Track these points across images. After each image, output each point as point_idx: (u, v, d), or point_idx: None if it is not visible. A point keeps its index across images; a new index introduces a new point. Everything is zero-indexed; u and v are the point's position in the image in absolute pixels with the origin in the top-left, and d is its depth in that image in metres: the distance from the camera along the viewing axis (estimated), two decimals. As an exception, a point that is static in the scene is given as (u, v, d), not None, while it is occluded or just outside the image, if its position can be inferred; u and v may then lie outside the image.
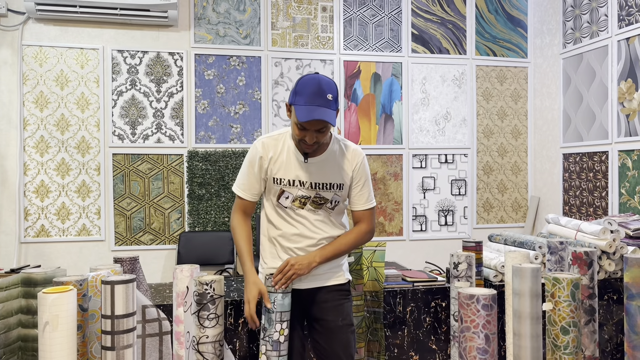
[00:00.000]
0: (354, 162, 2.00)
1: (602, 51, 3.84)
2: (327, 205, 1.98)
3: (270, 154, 1.95)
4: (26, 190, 3.81)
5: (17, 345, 1.75)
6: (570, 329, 1.29)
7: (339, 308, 2.01)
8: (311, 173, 1.94)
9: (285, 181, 1.94)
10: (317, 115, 1.80)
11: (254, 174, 1.97)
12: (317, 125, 1.84)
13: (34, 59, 3.82)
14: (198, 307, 1.63)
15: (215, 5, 4.11)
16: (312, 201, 1.96)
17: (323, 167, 1.96)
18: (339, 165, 1.98)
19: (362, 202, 2.03)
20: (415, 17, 4.46)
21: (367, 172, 2.04)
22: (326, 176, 1.95)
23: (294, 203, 1.95)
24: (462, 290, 1.28)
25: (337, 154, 1.99)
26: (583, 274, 1.62)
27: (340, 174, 1.97)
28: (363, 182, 2.02)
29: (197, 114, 4.08)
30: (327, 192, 1.96)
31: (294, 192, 1.95)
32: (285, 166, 1.95)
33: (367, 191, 2.03)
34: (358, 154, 2.02)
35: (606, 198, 3.81)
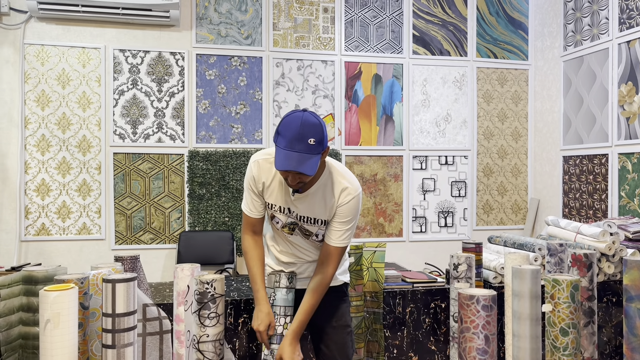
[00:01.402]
0: (342, 200, 1.90)
1: (602, 54, 3.85)
2: (312, 238, 1.98)
3: (263, 178, 1.93)
4: (27, 189, 3.81)
5: (17, 343, 1.76)
6: (569, 331, 1.30)
7: (334, 310, 2.03)
8: (298, 206, 1.92)
9: (276, 207, 1.95)
10: (291, 166, 1.72)
11: (253, 193, 1.97)
12: (296, 176, 1.78)
13: (36, 57, 3.83)
14: (199, 306, 1.64)
15: (217, 6, 4.12)
16: (299, 230, 1.97)
17: (309, 201, 1.91)
18: (325, 202, 1.91)
19: (333, 237, 1.92)
20: (417, 19, 4.47)
21: (353, 212, 1.92)
22: (311, 211, 1.92)
23: (283, 229, 1.98)
24: (462, 290, 1.29)
25: (326, 189, 1.91)
26: (582, 276, 1.62)
27: (324, 211, 1.91)
28: (342, 220, 1.91)
29: (198, 113, 4.09)
30: (311, 226, 1.95)
31: (283, 219, 1.96)
32: (277, 193, 1.93)
33: (344, 229, 1.92)
34: (348, 193, 1.89)
35: (606, 200, 3.81)
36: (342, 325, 2.03)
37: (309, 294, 1.93)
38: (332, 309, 2.03)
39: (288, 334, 1.91)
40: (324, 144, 1.78)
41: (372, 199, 4.38)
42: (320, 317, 2.01)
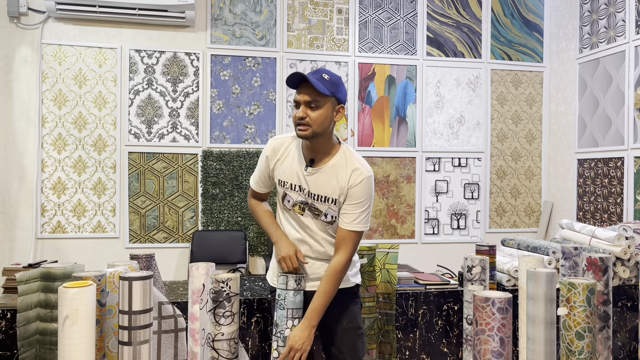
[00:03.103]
0: (353, 179, 1.90)
1: (619, 57, 3.81)
2: (322, 218, 1.95)
3: (278, 155, 2.00)
4: (43, 187, 3.86)
5: (35, 339, 1.78)
6: (585, 335, 1.29)
7: (345, 311, 2.01)
8: (309, 183, 1.94)
9: (288, 185, 1.97)
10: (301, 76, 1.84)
11: (263, 171, 2.05)
12: (305, 94, 1.85)
13: (54, 57, 3.88)
14: (214, 305, 1.65)
15: (232, 7, 4.14)
16: (310, 209, 1.96)
17: (320, 178, 1.92)
18: (337, 180, 1.91)
19: (347, 220, 1.91)
20: (431, 20, 4.46)
21: (365, 194, 1.91)
22: (321, 188, 1.92)
23: (294, 207, 1.98)
24: (478, 293, 1.29)
25: (338, 169, 1.92)
26: (598, 280, 1.61)
27: (335, 190, 1.91)
28: (355, 202, 1.90)
29: (212, 114, 4.12)
30: (321, 204, 1.94)
31: (294, 197, 1.97)
32: (290, 170, 1.97)
33: (358, 212, 1.91)
34: (359, 174, 1.90)
35: (621, 204, 3.78)
36: (353, 327, 2.01)
37: (324, 280, 1.92)
38: (343, 310, 2.02)
39: (305, 319, 1.89)
40: (339, 94, 1.90)
41: (384, 200, 4.38)
42: (332, 318, 1.99)
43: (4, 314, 2.21)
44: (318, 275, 1.99)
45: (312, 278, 2.00)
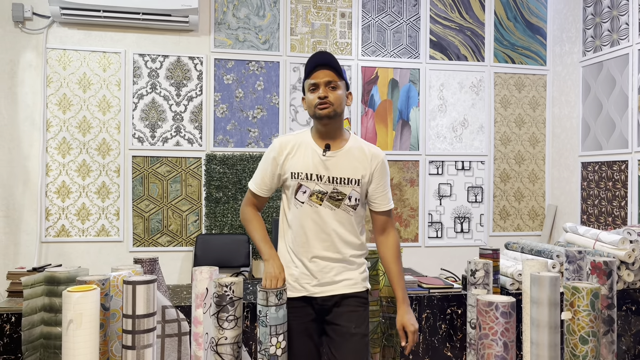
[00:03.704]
0: (374, 162, 2.00)
1: (622, 60, 3.81)
2: (345, 202, 1.95)
3: (288, 150, 1.98)
4: (48, 191, 3.88)
5: (39, 343, 1.79)
6: (589, 339, 1.29)
7: (354, 315, 1.97)
8: (328, 167, 1.94)
9: (303, 175, 1.94)
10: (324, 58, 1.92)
11: (268, 171, 2.01)
12: (324, 74, 1.92)
13: (58, 62, 3.89)
14: (217, 309, 1.65)
15: (236, 11, 4.16)
16: (330, 197, 1.94)
17: (341, 161, 1.96)
18: (357, 162, 1.98)
19: (385, 202, 2.03)
20: (434, 24, 4.46)
21: (387, 173, 2.04)
22: (344, 171, 1.95)
23: (311, 198, 1.94)
24: (481, 297, 1.29)
25: (355, 151, 1.99)
26: (602, 284, 1.61)
27: (358, 170, 1.97)
28: (382, 183, 2.02)
29: (216, 117, 4.13)
30: (344, 187, 1.95)
31: (311, 187, 1.94)
32: (304, 160, 1.95)
33: (387, 192, 2.04)
34: (378, 154, 2.03)
35: (625, 208, 3.77)
36: (360, 333, 1.98)
37: (394, 263, 2.03)
38: (354, 314, 1.98)
39: (402, 304, 1.99)
40: (347, 81, 2.02)
41: (387, 204, 4.37)
42: (341, 320, 1.95)
43: (8, 317, 2.21)
44: (329, 280, 1.95)
45: (323, 283, 1.95)
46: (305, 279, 1.96)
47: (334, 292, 1.95)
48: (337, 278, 1.96)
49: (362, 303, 2.00)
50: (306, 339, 1.95)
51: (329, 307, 1.96)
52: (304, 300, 1.97)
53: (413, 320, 1.97)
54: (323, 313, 1.98)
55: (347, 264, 1.98)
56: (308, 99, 1.97)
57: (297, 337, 1.95)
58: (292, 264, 1.98)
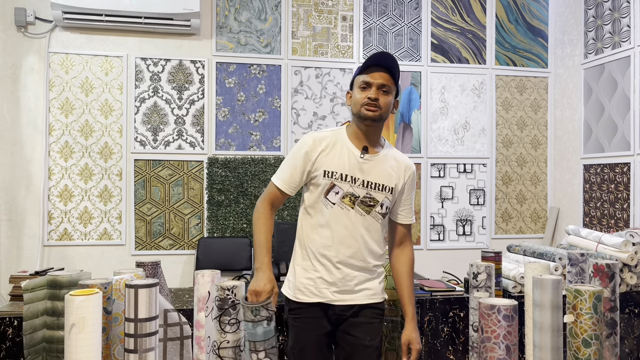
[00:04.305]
0: (408, 173, 1.97)
1: (624, 62, 3.81)
2: (377, 210, 1.90)
3: (322, 146, 1.89)
4: (50, 195, 3.89)
5: (41, 347, 1.79)
6: (592, 342, 1.29)
7: (370, 327, 1.91)
8: (364, 171, 1.88)
9: (337, 175, 1.86)
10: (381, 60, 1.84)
11: (298, 167, 1.89)
12: (380, 76, 1.84)
13: (60, 66, 3.91)
14: (219, 312, 1.65)
15: (237, 15, 4.17)
16: (361, 201, 1.87)
17: (377, 166, 1.90)
18: (392, 170, 1.93)
19: (410, 215, 2.01)
20: (435, 27, 4.47)
21: (414, 187, 2.02)
22: (379, 177, 1.90)
23: (343, 200, 1.86)
24: (483, 300, 1.29)
25: (391, 159, 1.95)
26: (605, 287, 1.61)
27: (392, 179, 1.92)
28: (410, 196, 2.00)
29: (218, 121, 4.13)
30: (378, 194, 1.89)
31: (345, 188, 1.86)
32: (339, 159, 1.87)
33: (412, 205, 2.02)
34: (411, 165, 2.00)
35: (628, 210, 3.76)
36: (374, 346, 1.92)
37: (407, 277, 1.99)
38: (370, 326, 1.91)
39: (411, 320, 1.95)
40: (399, 88, 1.94)
41: (389, 207, 4.37)
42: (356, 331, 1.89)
43: (11, 321, 2.22)
44: (349, 289, 1.89)
45: (344, 290, 1.88)
46: (325, 284, 1.88)
47: (353, 302, 1.89)
48: (357, 287, 1.90)
49: (378, 315, 1.95)
50: (318, 353, 1.89)
51: (346, 316, 1.90)
52: (320, 307, 1.89)
53: (419, 339, 1.94)
54: (338, 323, 1.91)
55: (369, 273, 1.93)
56: (355, 97, 1.89)
57: (308, 350, 1.89)
58: (312, 268, 1.90)
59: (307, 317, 1.89)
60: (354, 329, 1.89)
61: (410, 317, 1.96)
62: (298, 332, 1.91)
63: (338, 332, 1.92)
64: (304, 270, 1.91)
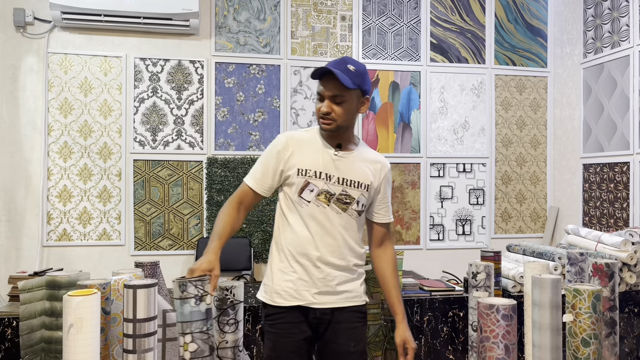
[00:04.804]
0: (383, 172, 1.95)
1: (623, 61, 3.81)
2: (353, 207, 1.86)
3: (295, 145, 1.87)
4: (49, 195, 3.88)
5: (40, 347, 1.79)
6: (591, 341, 1.29)
7: (353, 332, 1.86)
8: (339, 168, 1.85)
9: (312, 172, 1.83)
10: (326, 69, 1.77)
11: (270, 166, 1.87)
12: (331, 87, 1.79)
13: (59, 66, 3.90)
14: (218, 312, 1.65)
15: (236, 15, 4.16)
16: (337, 199, 1.84)
17: (352, 163, 1.88)
18: (367, 167, 1.91)
19: (388, 213, 1.98)
20: (434, 27, 4.47)
21: (390, 184, 2.01)
22: (355, 174, 1.87)
23: (318, 197, 1.82)
24: (482, 299, 1.28)
25: (366, 156, 1.94)
26: (604, 286, 1.61)
27: (368, 176, 1.89)
28: (387, 194, 1.97)
29: (217, 121, 4.13)
30: (354, 190, 1.85)
31: (320, 185, 1.83)
32: (312, 157, 1.85)
33: (390, 204, 2.00)
34: (386, 163, 1.98)
35: (627, 209, 3.76)
36: (359, 351, 1.86)
37: (392, 277, 1.96)
38: (353, 331, 1.86)
39: (403, 320, 1.92)
40: (364, 85, 1.84)
41: (389, 207, 4.37)
42: (340, 337, 1.83)
43: (9, 322, 2.21)
44: (330, 290, 1.83)
45: (324, 292, 1.83)
46: (305, 285, 1.82)
47: (334, 305, 1.84)
48: (339, 288, 1.85)
49: (361, 318, 1.90)
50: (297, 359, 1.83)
51: (327, 320, 1.84)
52: (300, 311, 1.83)
53: (412, 338, 1.92)
54: (319, 328, 1.86)
55: (350, 272, 1.88)
56: (315, 106, 1.89)
57: (287, 357, 1.82)
58: (290, 269, 1.84)
59: (285, 322, 1.82)
60: (336, 336, 1.84)
61: (401, 316, 1.93)
62: (275, 338, 1.84)
63: (320, 341, 1.86)
64: (282, 272, 1.85)
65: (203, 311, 1.50)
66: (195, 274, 1.61)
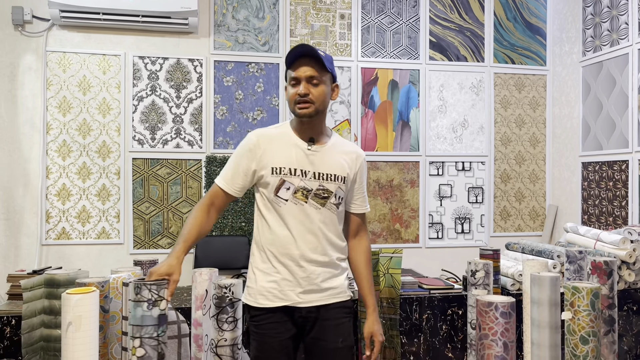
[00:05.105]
0: (358, 161, 1.93)
1: (622, 59, 3.81)
2: (331, 201, 1.83)
3: (266, 143, 1.83)
4: (48, 193, 3.88)
5: (39, 345, 1.79)
6: (589, 339, 1.29)
7: (340, 327, 1.84)
8: (314, 163, 1.82)
9: (286, 170, 1.80)
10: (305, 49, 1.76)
11: (241, 166, 1.84)
12: (306, 69, 1.77)
13: (58, 64, 3.90)
14: (217, 310, 1.65)
15: (235, 13, 4.16)
16: (315, 194, 1.81)
17: (327, 156, 1.84)
18: (342, 159, 1.88)
19: (364, 204, 1.97)
20: (433, 25, 4.46)
21: (366, 174, 2.00)
22: (330, 167, 1.84)
23: (295, 195, 1.79)
24: (481, 297, 1.28)
25: (340, 147, 1.90)
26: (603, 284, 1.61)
27: (344, 168, 1.86)
28: (362, 184, 1.96)
29: (216, 119, 4.13)
30: (331, 184, 1.83)
31: (296, 183, 1.79)
32: (285, 154, 1.81)
33: (365, 193, 1.99)
34: (361, 153, 1.96)
35: (626, 207, 3.76)
36: (347, 346, 1.85)
37: (365, 268, 1.95)
38: (340, 327, 1.85)
39: (373, 312, 1.91)
40: (334, 72, 1.87)
41: (388, 205, 4.37)
42: (327, 334, 1.82)
43: (8, 320, 2.21)
44: (315, 288, 1.81)
45: (309, 290, 1.81)
46: (289, 285, 1.80)
47: (320, 302, 1.82)
48: (323, 285, 1.82)
49: (347, 313, 1.89)
50: (285, 358, 1.80)
51: (313, 318, 1.82)
52: (285, 311, 1.81)
53: (382, 331, 1.91)
54: (305, 326, 1.84)
55: (333, 268, 1.86)
56: (288, 93, 1.83)
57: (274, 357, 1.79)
58: (273, 270, 1.82)
59: (271, 322, 1.80)
60: (324, 333, 1.82)
61: (372, 309, 1.92)
62: (262, 339, 1.81)
63: (308, 339, 1.84)
64: (265, 274, 1.82)
65: (155, 316, 1.46)
66: (153, 277, 1.56)
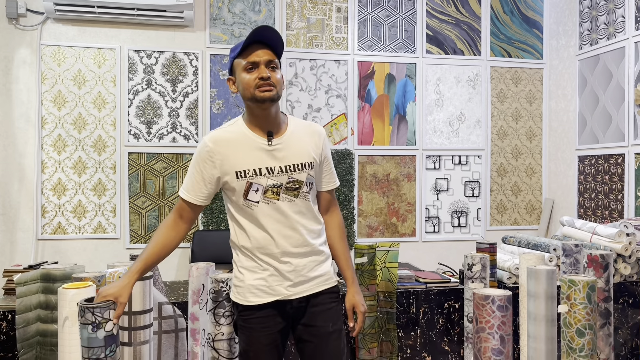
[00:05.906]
0: (321, 140, 1.88)
1: (618, 53, 3.81)
2: (303, 190, 1.80)
3: (223, 147, 1.75)
4: (43, 188, 3.86)
5: (35, 340, 1.78)
6: (585, 332, 1.29)
7: (330, 312, 1.85)
8: (278, 157, 1.76)
9: (251, 172, 1.74)
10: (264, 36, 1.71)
11: (202, 175, 1.77)
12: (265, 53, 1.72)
13: (53, 58, 3.87)
14: (214, 305, 1.65)
15: (231, 6, 4.14)
16: (286, 188, 1.77)
17: (290, 146, 1.79)
18: (305, 143, 1.83)
19: (333, 179, 1.94)
20: (430, 18, 4.45)
21: (330, 149, 1.95)
22: (296, 156, 1.79)
23: (266, 194, 1.74)
24: (478, 290, 1.29)
25: (300, 131, 1.84)
26: (599, 277, 1.61)
27: (309, 153, 1.82)
28: (330, 159, 1.93)
29: (212, 113, 4.11)
30: (300, 174, 1.78)
31: (264, 183, 1.74)
32: (246, 155, 1.75)
33: (333, 168, 1.95)
34: (321, 130, 1.90)
35: (622, 201, 3.77)
36: (338, 330, 1.85)
37: (339, 243, 1.94)
38: (329, 312, 1.85)
39: (352, 284, 1.90)
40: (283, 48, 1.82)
41: (384, 199, 4.37)
42: (317, 320, 1.82)
43: (4, 315, 2.21)
44: (303, 279, 1.80)
45: (297, 283, 1.80)
46: (277, 280, 1.78)
47: (309, 292, 1.82)
48: (311, 274, 1.82)
49: (334, 298, 1.88)
50: (274, 351, 1.80)
51: (303, 307, 1.83)
52: (274, 306, 1.79)
53: (363, 301, 1.89)
54: (297, 316, 1.84)
55: (318, 255, 1.85)
56: (244, 80, 1.73)
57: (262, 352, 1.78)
58: (260, 267, 1.79)
59: (259, 317, 1.78)
60: (314, 319, 1.82)
61: (351, 280, 1.92)
62: (250, 333, 1.79)
63: (299, 326, 1.84)
64: (251, 272, 1.79)
65: (101, 338, 1.42)
66: (99, 299, 1.50)
